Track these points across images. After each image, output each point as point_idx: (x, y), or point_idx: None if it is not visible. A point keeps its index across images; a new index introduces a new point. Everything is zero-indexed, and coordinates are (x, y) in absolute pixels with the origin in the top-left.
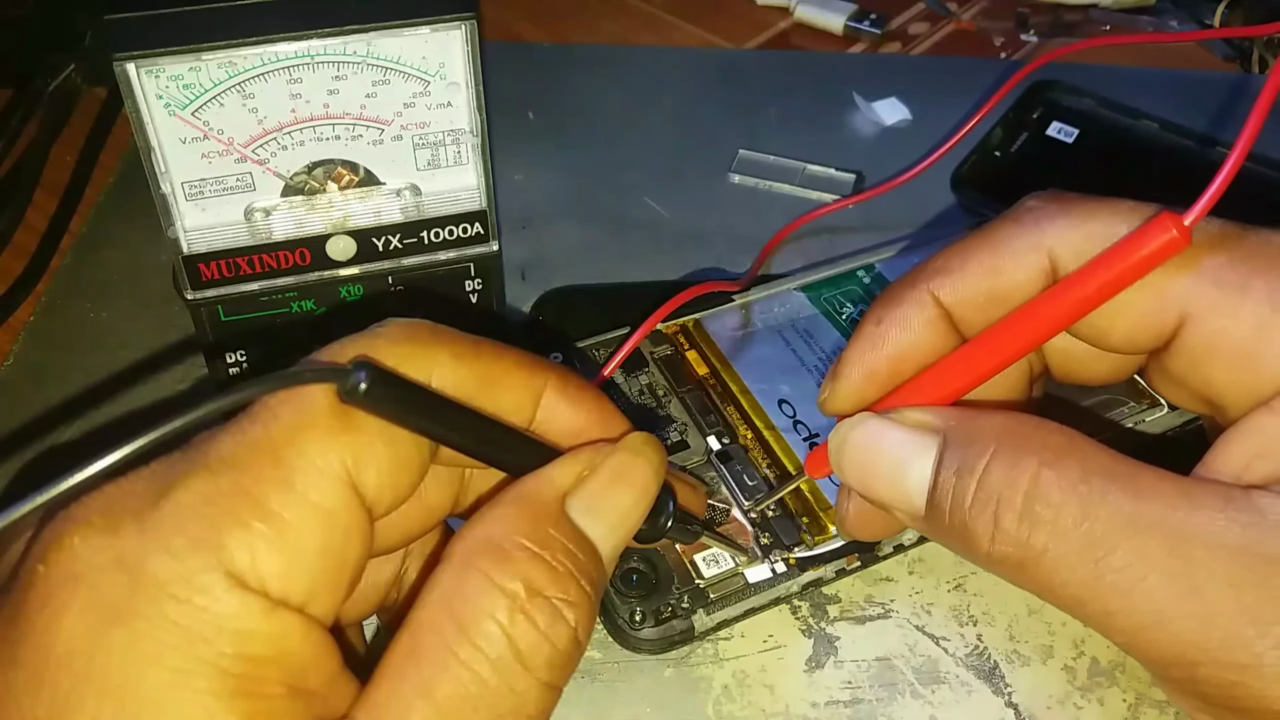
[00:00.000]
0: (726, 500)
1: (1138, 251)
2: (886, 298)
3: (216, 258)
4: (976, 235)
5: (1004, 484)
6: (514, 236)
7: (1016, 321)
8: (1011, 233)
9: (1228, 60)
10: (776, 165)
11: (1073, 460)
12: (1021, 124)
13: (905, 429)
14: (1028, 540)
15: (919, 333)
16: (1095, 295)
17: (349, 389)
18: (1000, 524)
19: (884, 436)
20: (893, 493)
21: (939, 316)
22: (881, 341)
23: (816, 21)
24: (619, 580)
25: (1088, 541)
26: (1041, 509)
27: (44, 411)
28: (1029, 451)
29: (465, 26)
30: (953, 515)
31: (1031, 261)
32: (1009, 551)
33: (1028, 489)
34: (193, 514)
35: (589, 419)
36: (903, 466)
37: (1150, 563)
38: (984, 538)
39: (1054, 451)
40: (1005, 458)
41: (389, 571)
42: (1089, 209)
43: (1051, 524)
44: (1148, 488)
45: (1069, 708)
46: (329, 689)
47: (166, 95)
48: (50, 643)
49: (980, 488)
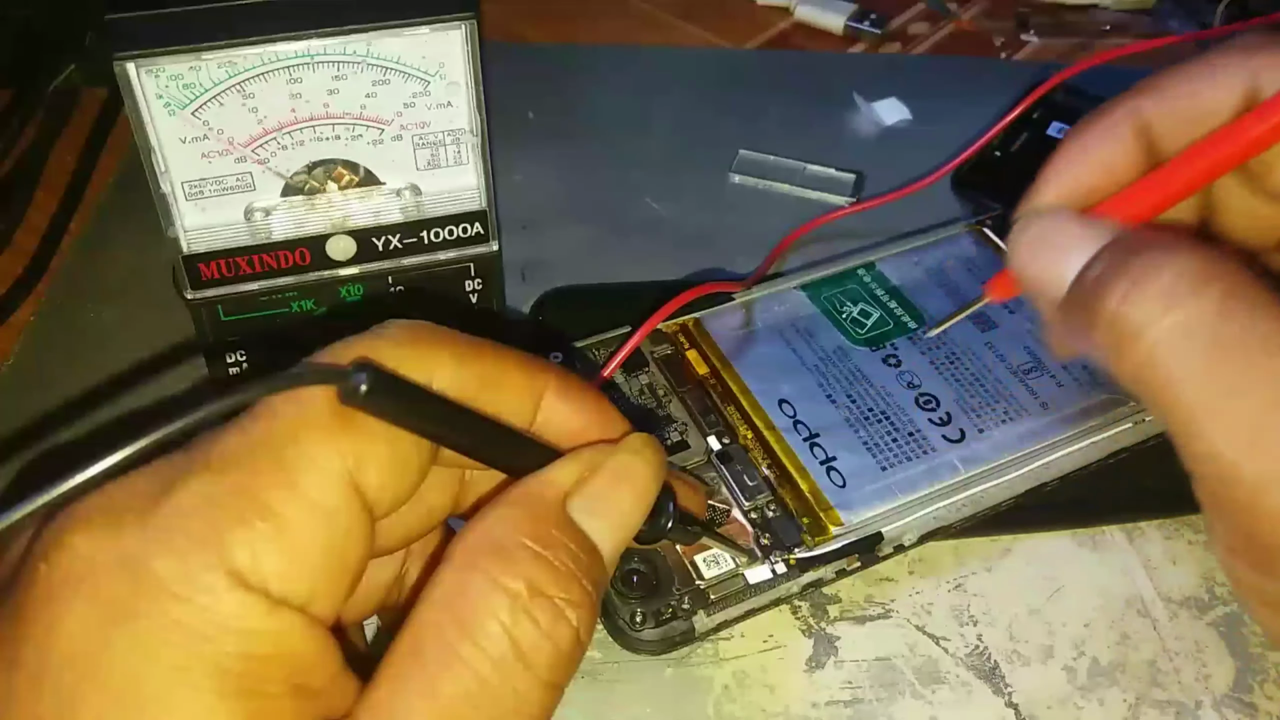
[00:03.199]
0: (726, 501)
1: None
2: (1090, 117)
3: (216, 258)
4: (1187, 63)
5: (1161, 263)
6: (514, 236)
7: (1211, 144)
8: (1217, 59)
9: None
10: (777, 165)
11: (1237, 273)
12: (1021, 124)
13: (1085, 219)
14: (1159, 312)
15: (1118, 152)
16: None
17: (350, 390)
18: (1135, 290)
19: (1064, 221)
20: (1051, 274)
21: (1137, 136)
22: (1081, 153)
23: (816, 21)
24: (620, 581)
25: (1216, 338)
26: (1187, 292)
27: (44, 411)
28: (1201, 254)
29: (465, 26)
30: (1092, 282)
31: (1232, 84)
32: (1133, 314)
33: (1180, 271)
34: (195, 513)
35: (589, 420)
36: (1070, 249)
37: (1268, 379)
38: (1115, 295)
39: (1221, 260)
40: (1175, 254)
41: (390, 572)
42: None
43: (1194, 308)
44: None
45: (1069, 708)
46: (331, 688)
47: (166, 95)
48: (52, 642)
49: (1134, 259)
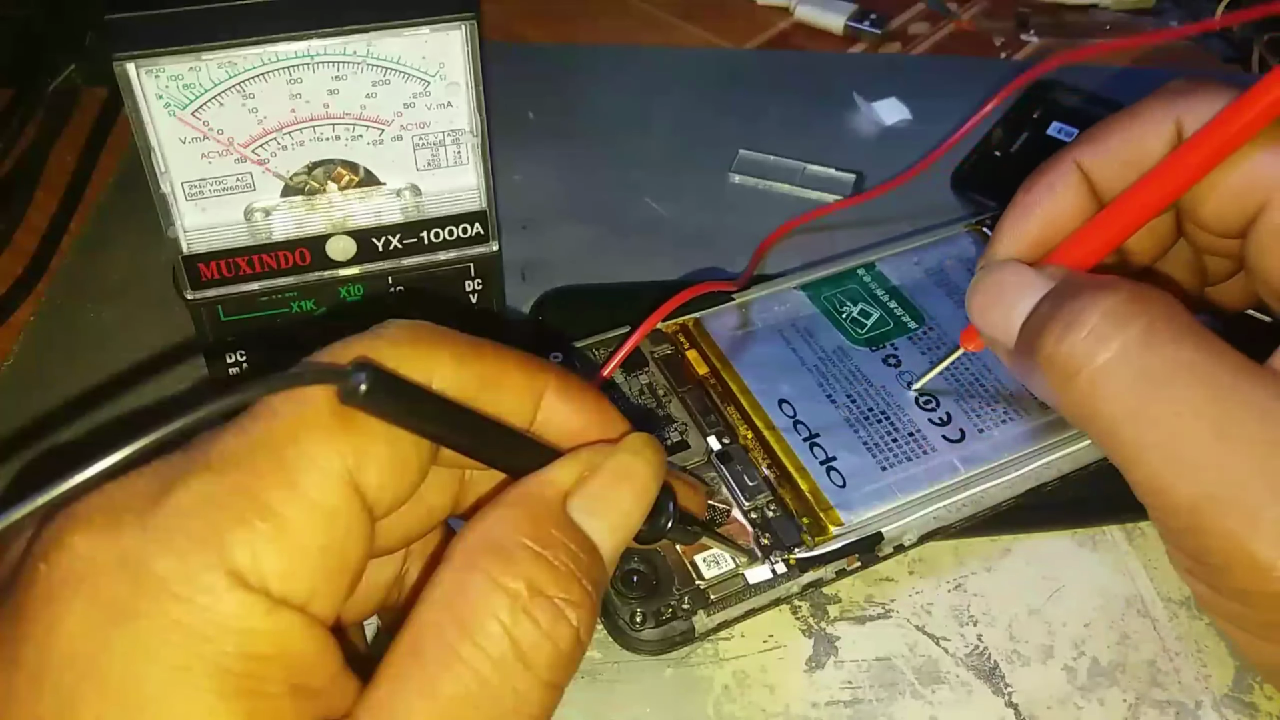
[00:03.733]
0: (726, 500)
1: (1256, 104)
2: (1036, 170)
3: (216, 258)
4: (1121, 113)
5: (1088, 305)
6: (514, 236)
7: (1142, 185)
8: (1148, 105)
9: (1228, 60)
10: (776, 165)
11: (1161, 306)
12: (1021, 124)
13: (1030, 270)
14: (1088, 351)
15: (1064, 200)
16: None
17: (349, 390)
18: (1067, 336)
19: (1011, 275)
20: (999, 324)
21: (1079, 182)
22: (1029, 205)
23: (816, 21)
24: (619, 581)
25: (1143, 371)
26: (1109, 329)
27: (44, 411)
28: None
29: (465, 26)
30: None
31: (1160, 129)
32: (1068, 355)
33: (1106, 311)
34: (194, 513)
35: (589, 420)
36: (1016, 300)
37: (1190, 406)
38: (1051, 338)
39: (1147, 297)
40: (1102, 291)
41: (390, 572)
42: (1221, 85)
43: (1119, 345)
44: (1217, 348)
45: (1069, 708)
46: (331, 688)
47: (166, 95)
48: (52, 642)
49: (1068, 303)
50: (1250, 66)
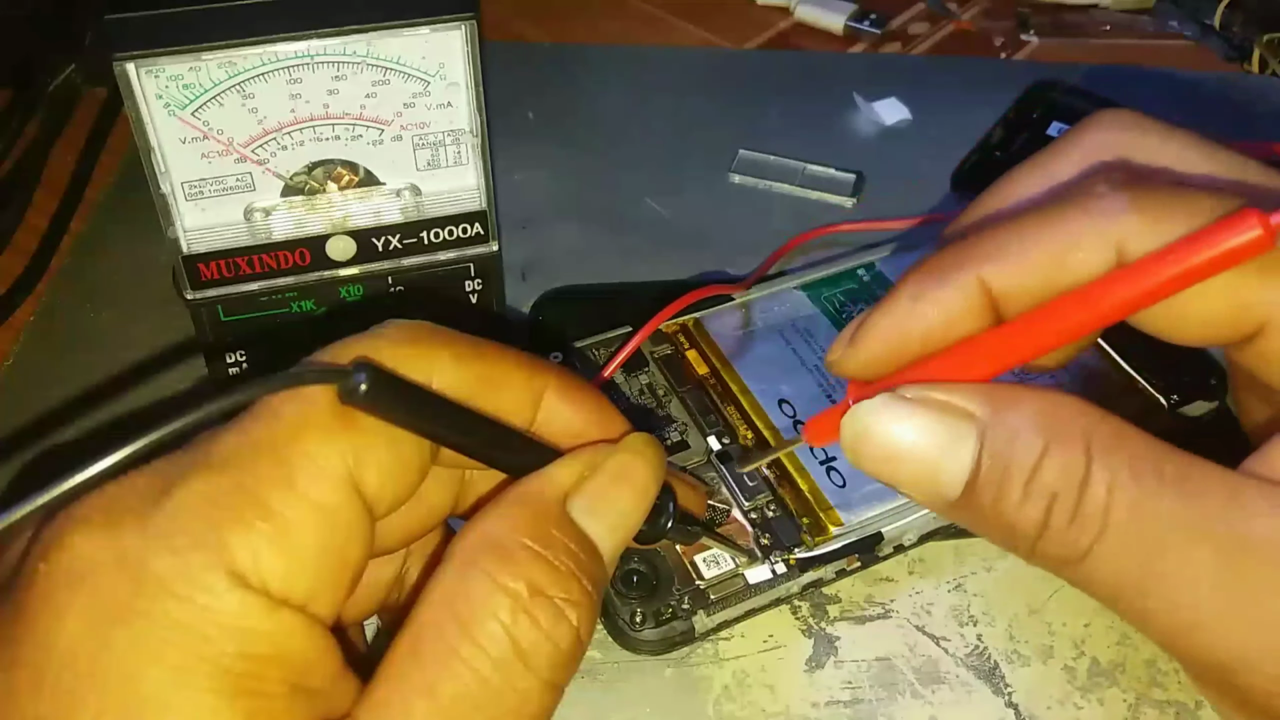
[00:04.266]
0: (726, 500)
1: (1212, 248)
2: (929, 272)
3: (216, 258)
4: (1036, 219)
5: (1056, 483)
6: (514, 236)
7: (1069, 308)
8: (1079, 223)
9: (1228, 60)
10: (777, 165)
11: (1121, 453)
12: (1021, 124)
13: (936, 414)
14: (1076, 540)
15: (959, 318)
16: (1161, 290)
17: (349, 390)
18: (1051, 525)
19: (912, 422)
20: (919, 485)
21: (984, 304)
22: (916, 319)
23: (817, 21)
24: (619, 581)
25: (1136, 544)
26: (1091, 509)
27: (44, 412)
28: (1078, 446)
29: (465, 26)
30: (995, 511)
31: (1100, 258)
32: (1056, 552)
33: (1080, 488)
34: (194, 513)
35: (589, 420)
36: (935, 457)
37: (1198, 568)
38: (1030, 536)
39: (1102, 442)
40: (1056, 454)
41: (390, 571)
42: (1167, 203)
43: (1100, 524)
44: (1198, 487)
45: (1069, 708)
46: (331, 688)
47: (166, 95)
48: (52, 642)
49: (1031, 485)
50: (1250, 66)
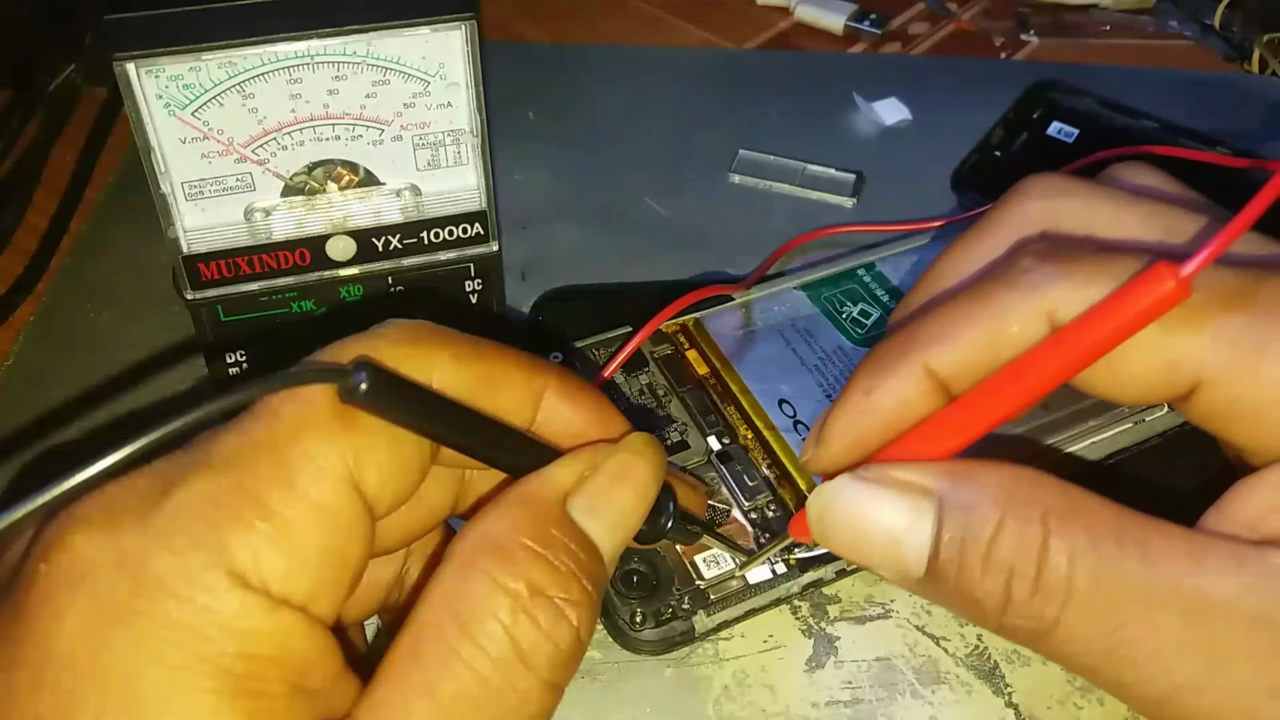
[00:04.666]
0: (726, 500)
1: (1132, 305)
2: (875, 366)
3: (216, 258)
4: (969, 300)
5: (1014, 555)
6: (514, 237)
7: (1008, 382)
8: (1009, 299)
9: (1228, 60)
10: (776, 165)
11: (1079, 524)
12: (1021, 124)
13: (896, 493)
14: (1040, 613)
15: (912, 404)
16: (1092, 351)
17: (350, 389)
18: (1013, 597)
19: (872, 502)
20: (886, 563)
21: (933, 387)
22: (871, 411)
23: (817, 21)
24: (619, 581)
25: (1101, 613)
26: (1053, 580)
27: (44, 411)
28: (1034, 517)
29: (465, 26)
30: (959, 585)
31: (1033, 329)
32: (1021, 624)
33: (1038, 559)
34: (195, 513)
35: (589, 419)
36: (897, 534)
37: (1165, 635)
38: (995, 611)
39: (1058, 515)
40: (1012, 526)
41: (390, 571)
42: (1089, 269)
43: (1064, 595)
44: (1158, 551)
45: (1069, 708)
46: (331, 688)
47: (166, 95)
48: (52, 642)
49: (989, 559)
50: (1250, 66)
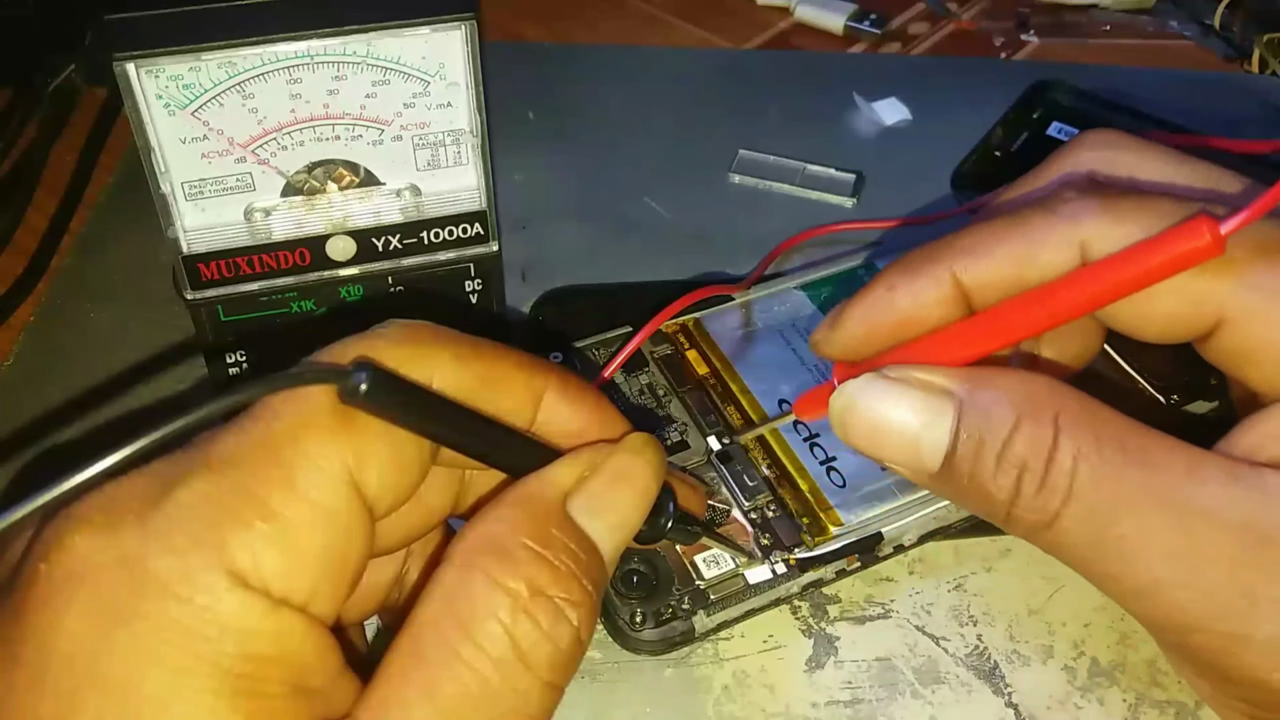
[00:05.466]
0: (726, 500)
1: (1167, 252)
2: (905, 266)
3: (216, 258)
4: (1007, 220)
5: (1027, 453)
6: (514, 237)
7: (1035, 301)
8: (1046, 223)
9: (1228, 60)
10: (777, 165)
11: (1087, 427)
12: (1021, 124)
13: (918, 392)
14: (1044, 506)
15: (931, 308)
16: (1120, 288)
17: (350, 390)
18: (1021, 492)
19: (895, 399)
20: (903, 457)
21: (956, 296)
22: (891, 307)
23: (816, 21)
24: (619, 581)
25: (1097, 509)
26: (1057, 476)
27: (44, 411)
28: (1047, 419)
29: (465, 26)
30: (972, 480)
31: (1064, 256)
32: (1026, 516)
33: (1048, 458)
34: (195, 513)
35: (589, 420)
36: (916, 431)
37: (1153, 533)
38: (1004, 503)
39: (1070, 417)
40: (1027, 427)
41: (390, 572)
42: (1128, 207)
43: (1065, 491)
44: (1158, 459)
45: (1069, 708)
46: (331, 688)
47: (166, 95)
48: (52, 642)
49: (1004, 457)
50: (1250, 66)
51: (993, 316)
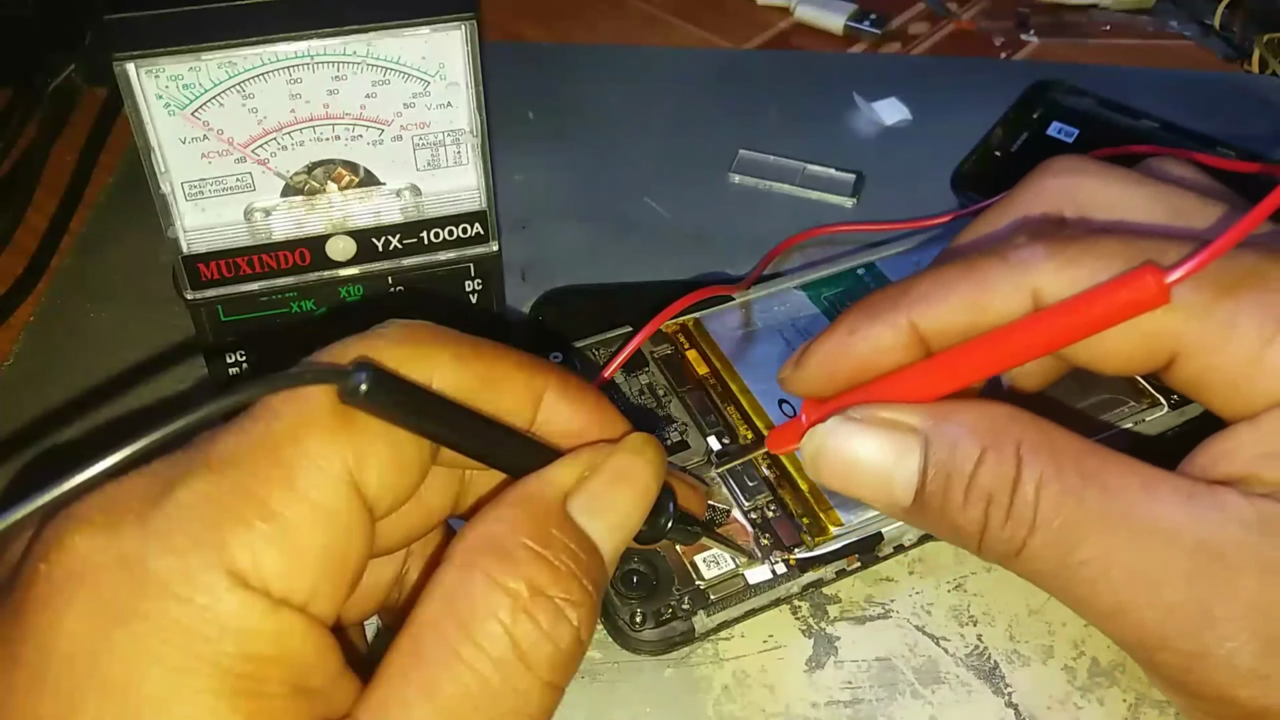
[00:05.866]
0: (726, 500)
1: (1113, 302)
2: (865, 309)
3: (216, 258)
4: (960, 266)
5: (992, 485)
6: (514, 237)
7: (988, 346)
8: (997, 271)
9: (1228, 60)
10: (777, 165)
11: (1047, 454)
12: (1021, 124)
13: (884, 432)
14: (1012, 536)
15: (889, 353)
16: (1069, 334)
17: (350, 390)
18: (989, 523)
19: (862, 440)
20: (876, 494)
21: (912, 341)
22: (850, 349)
23: (816, 21)
24: (619, 581)
25: (1060, 536)
26: (1022, 507)
27: (44, 411)
28: (1009, 450)
29: (465, 26)
30: (943, 513)
31: (1016, 302)
32: (995, 546)
33: (1012, 488)
34: (194, 513)
35: (589, 420)
36: (886, 470)
37: (1114, 556)
38: (975, 534)
39: (1031, 446)
40: (991, 459)
41: (390, 572)
42: (1075, 253)
43: (1030, 521)
44: (1114, 481)
45: (1069, 708)
46: (331, 688)
47: (166, 95)
48: (52, 642)
49: (970, 490)
50: (1250, 66)
51: (947, 359)
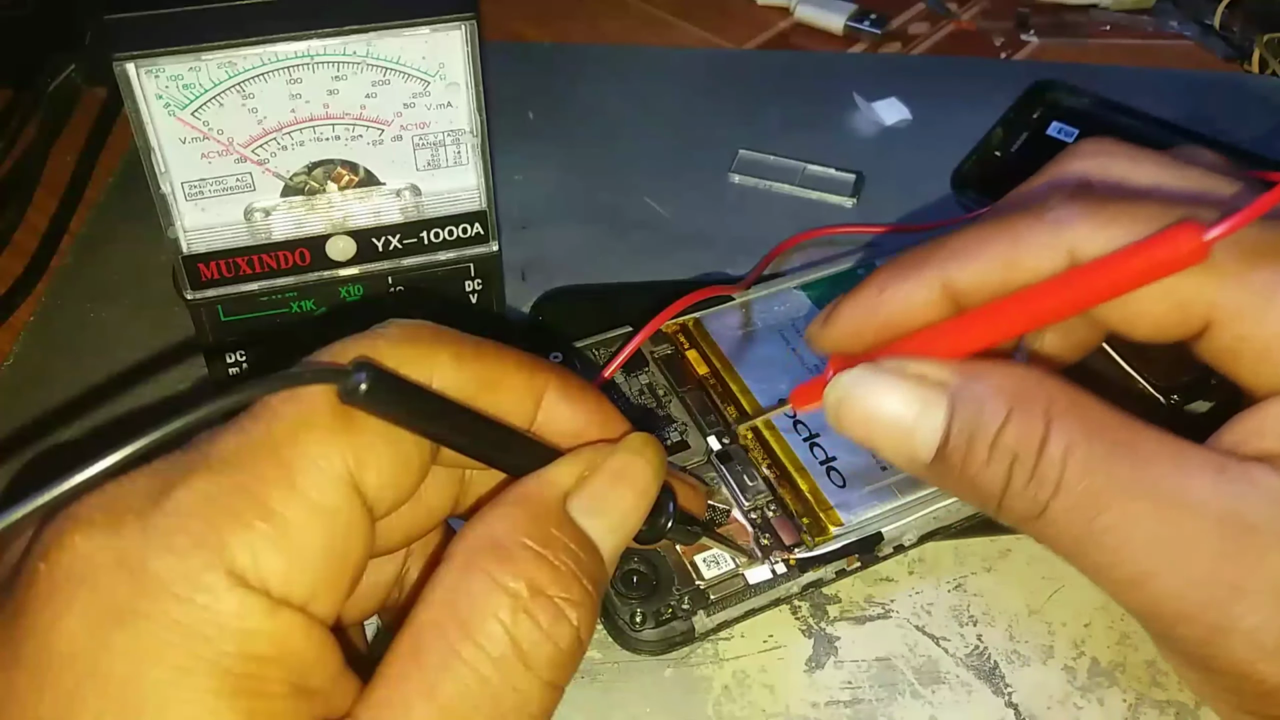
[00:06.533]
0: (726, 500)
1: (1151, 258)
2: (896, 267)
3: (216, 258)
4: (995, 224)
5: (1017, 445)
6: (514, 236)
7: (1021, 302)
8: (1032, 228)
9: (1228, 60)
10: (777, 165)
11: (1077, 420)
12: (1021, 124)
13: (911, 384)
14: (1034, 497)
15: (920, 309)
16: (1104, 292)
17: (349, 390)
18: (1012, 483)
19: (889, 390)
20: (896, 447)
21: (944, 299)
22: (880, 306)
23: (816, 21)
24: (619, 581)
25: (1085, 500)
26: (1047, 468)
27: (44, 411)
28: (1038, 412)
29: (465, 26)
30: (964, 471)
31: (1051, 260)
32: (1016, 506)
33: (1038, 449)
34: (194, 513)
35: (589, 420)
36: (909, 424)
37: (1139, 525)
38: (995, 494)
39: (1061, 410)
40: (1018, 419)
41: (390, 571)
42: (1114, 212)
43: (1055, 482)
44: (1145, 451)
45: (1069, 708)
46: (331, 688)
47: (166, 95)
48: (52, 642)
49: (995, 448)
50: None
51: (980, 315)
